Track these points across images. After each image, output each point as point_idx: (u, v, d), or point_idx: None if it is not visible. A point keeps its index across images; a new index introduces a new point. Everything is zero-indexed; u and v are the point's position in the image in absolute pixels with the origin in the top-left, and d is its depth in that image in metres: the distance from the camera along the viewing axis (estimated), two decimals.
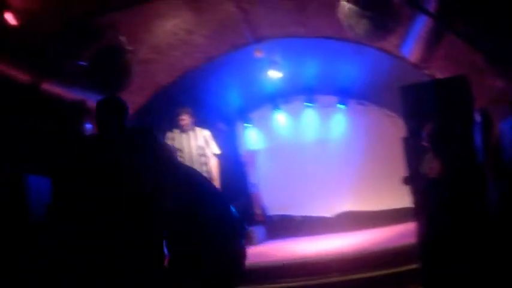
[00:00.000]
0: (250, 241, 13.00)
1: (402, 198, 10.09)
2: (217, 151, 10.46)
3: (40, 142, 9.01)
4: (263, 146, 15.48)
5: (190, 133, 10.39)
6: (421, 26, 8.74)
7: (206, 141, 10.39)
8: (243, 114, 15.32)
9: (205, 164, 10.26)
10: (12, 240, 7.68)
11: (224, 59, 12.18)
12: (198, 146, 10.30)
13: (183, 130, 10.35)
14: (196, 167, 9.91)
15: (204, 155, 10.29)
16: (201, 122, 10.70)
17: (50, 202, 8.26)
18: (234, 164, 14.82)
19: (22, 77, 8.43)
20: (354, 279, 8.12)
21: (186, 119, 10.36)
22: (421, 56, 9.62)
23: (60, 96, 9.28)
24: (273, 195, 15.02)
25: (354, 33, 8.65)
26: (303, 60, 12.91)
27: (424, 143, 6.71)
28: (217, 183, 10.13)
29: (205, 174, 9.69)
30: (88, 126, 9.51)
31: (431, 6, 8.15)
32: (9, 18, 7.70)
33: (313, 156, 14.89)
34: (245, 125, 15.42)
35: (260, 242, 13.46)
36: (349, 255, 8.83)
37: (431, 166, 6.68)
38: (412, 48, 9.65)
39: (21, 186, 8.12)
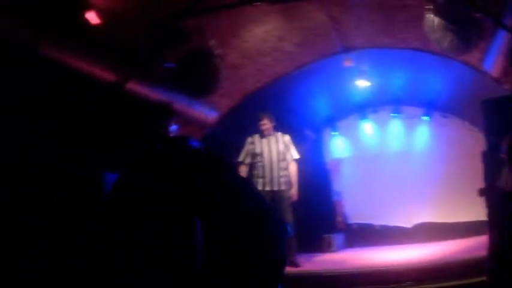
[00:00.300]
0: (330, 248, 13.13)
1: (479, 211, 9.94)
2: (297, 156, 10.35)
3: (121, 141, 9.13)
4: (348, 155, 15.49)
5: (271, 138, 10.29)
6: (502, 41, 8.59)
7: (286, 146, 10.27)
8: (330, 122, 15.34)
9: (285, 168, 10.16)
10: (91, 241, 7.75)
11: (313, 67, 12.07)
12: (278, 151, 10.19)
13: (263, 135, 10.27)
14: (276, 171, 10.02)
15: (284, 159, 10.18)
16: (288, 128, 10.62)
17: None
18: (319, 171, 14.96)
19: (107, 76, 8.52)
20: None
21: (266, 123, 10.27)
22: (502, 70, 9.43)
23: (146, 96, 9.31)
24: (355, 204, 15.06)
25: (440, 46, 8.58)
26: (390, 70, 12.84)
27: (503, 157, 6.57)
28: (295, 188, 10.16)
29: (284, 179, 9.99)
30: (173, 128, 9.56)
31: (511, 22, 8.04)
32: (93, 17, 7.81)
33: (396, 166, 14.82)
34: (332, 133, 15.42)
35: (339, 249, 13.47)
36: (421, 265, 8.75)
37: (508, 180, 6.54)
38: (493, 63, 9.50)
39: (100, 185, 8.24)
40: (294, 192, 10.16)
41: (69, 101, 8.18)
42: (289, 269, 9.37)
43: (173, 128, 9.50)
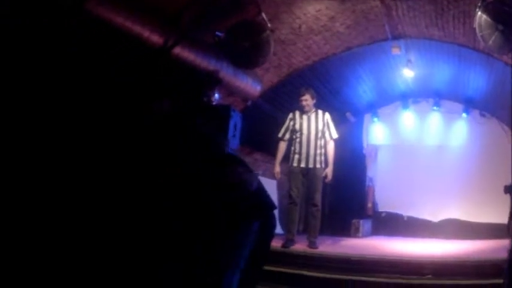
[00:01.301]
0: (356, 233, 12.96)
1: (506, 214, 9.69)
2: (336, 135, 9.95)
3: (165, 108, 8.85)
4: (386, 142, 15.39)
5: (311, 115, 9.86)
6: None
7: (326, 125, 9.85)
8: (372, 108, 15.17)
9: (322, 147, 9.78)
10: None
11: (362, 51, 11.83)
12: (317, 128, 9.77)
13: (304, 111, 9.85)
14: (313, 149, 9.66)
15: (322, 137, 9.78)
16: (330, 109, 10.27)
17: None
18: (355, 155, 14.93)
19: (154, 39, 8.17)
20: (445, 284, 7.78)
21: (308, 99, 9.82)
22: None
23: (192, 63, 8.97)
24: (385, 192, 15.00)
25: (485, 44, 8.35)
26: (435, 63, 12.61)
27: None
28: (331, 168, 9.78)
29: (320, 158, 9.68)
30: (217, 96, 9.26)
31: None
32: None
33: (430, 159, 14.73)
34: (372, 118, 15.26)
35: (365, 235, 13.28)
36: (443, 260, 8.51)
37: None
38: None
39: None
40: (329, 171, 9.75)
41: (114, 62, 7.90)
42: (310, 250, 9.34)
43: (216, 96, 9.26)
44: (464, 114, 14.59)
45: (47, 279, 5.81)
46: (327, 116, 9.90)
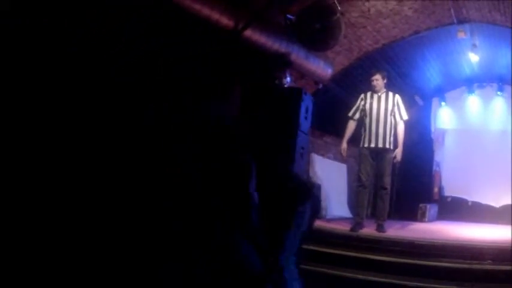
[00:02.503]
0: (423, 218, 12.70)
1: None
2: (406, 117, 9.54)
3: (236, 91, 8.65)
4: (452, 127, 15.05)
5: (381, 95, 9.47)
6: None
7: (396, 105, 9.43)
8: (439, 92, 14.85)
9: (392, 127, 9.37)
10: None
11: (429, 35, 11.52)
12: (386, 109, 9.37)
13: (374, 91, 9.48)
14: (382, 128, 9.25)
15: (392, 118, 9.39)
16: (399, 92, 9.86)
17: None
18: (423, 139, 14.55)
19: (225, 21, 7.91)
20: (505, 270, 7.41)
21: (378, 79, 9.44)
22: None
23: (263, 45, 8.72)
24: (451, 176, 14.67)
25: None
26: (499, 48, 12.14)
27: None
28: (401, 149, 9.37)
29: (389, 138, 9.28)
30: (289, 79, 8.92)
31: None
32: None
33: (495, 144, 14.24)
34: (440, 103, 14.95)
35: (431, 219, 12.97)
36: (503, 246, 8.08)
37: None
38: None
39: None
40: (399, 152, 9.34)
41: (184, 44, 7.70)
42: (378, 234, 9.10)
43: (288, 79, 8.93)
44: None
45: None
46: (397, 97, 9.50)
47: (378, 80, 9.41)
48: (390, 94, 9.47)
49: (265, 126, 8.31)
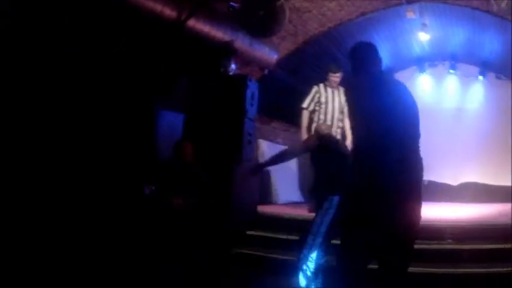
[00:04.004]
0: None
1: None
2: None
3: (182, 80, 8.92)
4: None
5: (335, 90, 10.08)
6: None
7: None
8: (389, 72, 14.71)
9: (342, 120, 10.00)
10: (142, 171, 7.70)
11: (376, 16, 11.83)
12: (340, 103, 10.00)
13: (329, 86, 10.06)
14: (336, 122, 9.93)
15: (342, 112, 9.99)
16: (347, 74, 10.27)
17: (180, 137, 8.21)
18: None
19: (168, 12, 8.16)
20: (466, 249, 7.81)
21: (339, 77, 10.03)
22: None
23: (207, 34, 9.03)
24: None
25: (499, 8, 8.31)
26: (450, 26, 12.65)
27: None
28: (350, 140, 9.46)
29: (340, 131, 9.97)
30: (234, 67, 9.29)
31: None
32: None
33: (448, 122, 14.76)
34: None
35: None
36: (463, 224, 8.56)
37: None
38: None
39: (152, 119, 8.09)
40: (348, 144, 9.67)
41: (129, 37, 8.02)
42: None
43: (233, 67, 9.30)
44: (480, 77, 14.68)
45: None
46: None
47: (338, 78, 9.97)
48: (341, 89, 9.99)
49: (212, 115, 8.77)
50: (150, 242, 7.12)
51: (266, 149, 12.11)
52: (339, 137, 9.77)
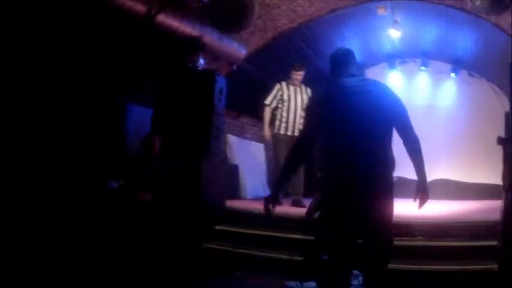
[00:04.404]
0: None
1: (496, 175, 9.87)
2: None
3: (151, 74, 9.00)
4: None
5: (297, 88, 10.59)
6: None
7: (307, 97, 10.50)
8: (359, 69, 14.78)
9: (303, 117, 10.08)
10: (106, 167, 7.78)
11: (347, 12, 11.90)
12: (302, 101, 10.50)
13: (292, 84, 10.55)
14: (298, 119, 10.39)
15: (303, 109, 10.28)
16: (317, 71, 10.53)
17: (147, 132, 8.33)
18: None
19: (137, 7, 8.19)
20: (438, 246, 7.99)
21: (302, 75, 10.51)
22: None
23: (176, 30, 9.10)
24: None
25: (472, 5, 8.44)
26: (422, 24, 12.75)
27: None
28: None
29: (301, 127, 9.87)
30: (202, 62, 9.41)
31: None
32: None
33: (419, 119, 14.17)
34: None
35: None
36: (434, 221, 8.60)
37: None
38: None
39: (121, 114, 8.17)
40: None
41: (97, 31, 8.05)
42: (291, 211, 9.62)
43: (201, 62, 9.43)
44: (452, 74, 14.83)
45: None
46: (309, 90, 10.54)
47: (301, 76, 10.44)
48: (303, 87, 10.56)
49: (181, 110, 8.84)
50: (117, 236, 7.21)
51: (234, 144, 12.28)
52: (297, 133, 10.11)
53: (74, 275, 6.39)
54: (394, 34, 12.55)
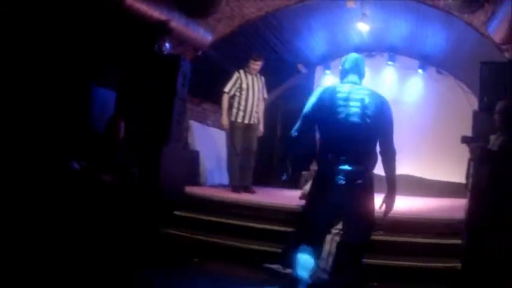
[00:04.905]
0: (306, 185, 13.09)
1: (460, 173, 10.02)
2: (266, 95, 11.34)
3: (117, 57, 9.09)
4: None
5: (254, 76, 10.90)
6: (508, 7, 8.54)
7: (263, 86, 11.06)
8: (324, 60, 15.28)
9: (258, 105, 10.95)
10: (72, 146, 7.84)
11: (315, 4, 11.97)
12: (258, 89, 10.91)
13: (250, 73, 10.85)
14: (254, 107, 10.82)
15: (259, 98, 10.94)
16: (282, 61, 10.78)
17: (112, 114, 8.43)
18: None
19: None
20: (399, 242, 8.14)
21: (260, 64, 10.84)
22: (503, 37, 9.38)
23: (144, 13, 9.19)
24: None
25: (446, 3, 8.55)
26: (392, 18, 12.82)
27: (495, 118, 6.73)
28: (262, 124, 11.08)
29: (256, 115, 10.86)
30: (168, 46, 9.55)
31: None
32: None
33: None
34: (325, 71, 15.39)
35: None
36: (395, 217, 8.47)
37: (495, 141, 6.72)
38: (497, 28, 9.45)
39: (86, 96, 8.26)
40: (261, 127, 11.04)
41: (66, 12, 8.14)
42: (248, 199, 9.85)
43: (167, 46, 9.55)
44: (420, 71, 14.87)
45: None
46: (263, 79, 10.98)
47: (260, 65, 10.77)
48: (259, 76, 10.87)
49: (144, 94, 9.01)
50: (74, 217, 7.30)
51: (196, 130, 12.38)
52: (255, 121, 10.76)
53: (29, 256, 6.48)
54: (363, 27, 12.62)
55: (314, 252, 5.74)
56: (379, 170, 13.84)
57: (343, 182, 5.67)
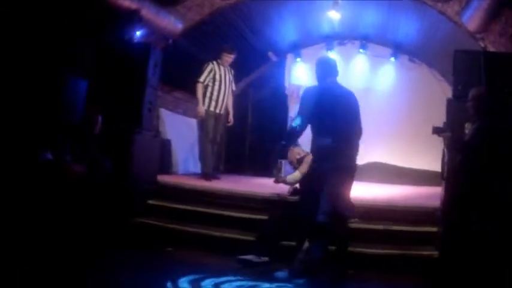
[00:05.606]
0: (279, 173, 13.29)
1: (433, 162, 10.21)
2: (234, 88, 12.09)
3: (87, 46, 9.25)
4: (309, 83, 15.22)
5: (226, 68, 11.48)
6: None
7: (233, 78, 11.69)
8: (295, 48, 15.37)
9: (228, 97, 11.61)
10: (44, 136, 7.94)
11: None
12: (230, 81, 11.56)
13: (223, 64, 11.41)
14: (226, 97, 11.58)
15: (229, 89, 11.60)
16: (252, 48, 11.06)
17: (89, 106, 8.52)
18: (277, 95, 15.33)
19: None
20: (373, 229, 8.37)
21: (233, 58, 11.43)
22: (478, 26, 9.70)
23: (115, 2, 9.36)
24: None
25: None
26: (364, 7, 12.88)
27: (468, 107, 6.96)
28: (232, 114, 11.81)
29: (225, 105, 11.56)
30: (138, 35, 9.72)
31: None
32: None
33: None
34: (296, 59, 15.48)
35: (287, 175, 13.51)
36: (369, 204, 8.98)
37: (469, 129, 6.96)
38: (471, 17, 9.70)
39: (59, 85, 8.35)
40: (231, 117, 11.74)
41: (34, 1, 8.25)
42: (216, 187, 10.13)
43: (138, 34, 9.71)
44: (392, 59, 15.04)
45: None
46: (232, 71, 11.59)
47: (232, 59, 11.36)
48: (228, 68, 11.44)
49: (115, 82, 9.12)
50: (48, 208, 7.39)
51: (167, 118, 12.61)
52: (224, 111, 11.49)
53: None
54: (334, 15, 12.59)
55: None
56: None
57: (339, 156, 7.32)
